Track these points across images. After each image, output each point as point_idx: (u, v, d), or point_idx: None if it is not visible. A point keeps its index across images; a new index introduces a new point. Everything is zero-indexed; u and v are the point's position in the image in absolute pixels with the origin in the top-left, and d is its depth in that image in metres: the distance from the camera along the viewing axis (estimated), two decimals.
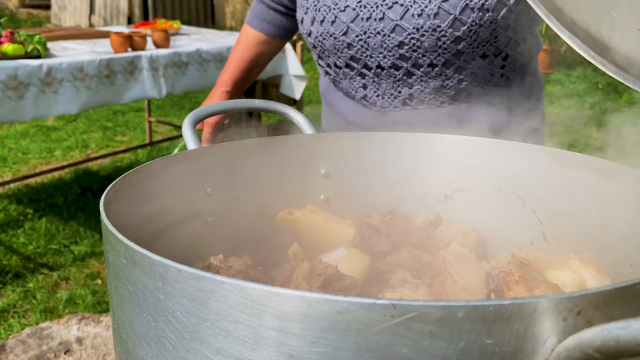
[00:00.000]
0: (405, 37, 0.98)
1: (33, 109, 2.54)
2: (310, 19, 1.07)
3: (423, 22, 0.96)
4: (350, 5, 1.01)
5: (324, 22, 1.05)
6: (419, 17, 0.96)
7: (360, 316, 0.34)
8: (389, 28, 0.99)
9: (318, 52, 1.11)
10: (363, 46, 1.02)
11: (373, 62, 1.03)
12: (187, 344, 0.39)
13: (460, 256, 0.63)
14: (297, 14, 1.13)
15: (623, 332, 0.30)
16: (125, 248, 0.42)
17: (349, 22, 1.02)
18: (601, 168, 0.65)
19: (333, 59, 1.08)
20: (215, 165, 0.70)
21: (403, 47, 0.99)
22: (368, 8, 1.00)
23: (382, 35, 1.00)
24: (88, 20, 9.20)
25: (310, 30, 1.08)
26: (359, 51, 1.03)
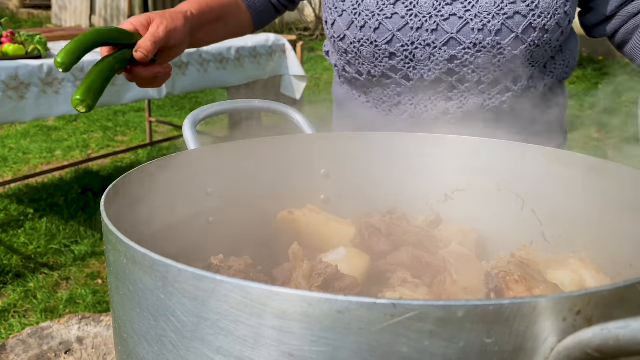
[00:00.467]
0: (458, 51, 0.92)
1: (34, 109, 2.54)
2: (346, 23, 0.99)
3: (483, 38, 0.90)
4: (398, 12, 0.94)
5: (365, 27, 0.97)
6: (479, 32, 0.90)
7: (361, 316, 0.34)
8: (441, 41, 0.92)
9: (350, 58, 1.02)
10: (408, 57, 0.96)
11: (415, 75, 0.97)
12: (188, 344, 0.39)
13: (460, 256, 0.63)
14: (324, 15, 1.05)
15: (623, 332, 0.31)
16: (126, 248, 0.42)
17: (395, 31, 0.94)
18: (601, 168, 0.65)
19: (367, 67, 1.00)
20: (215, 165, 0.70)
21: (454, 61, 0.93)
22: (420, 18, 0.93)
23: (432, 48, 0.93)
24: (88, 21, 9.20)
25: (344, 35, 1.00)
26: (402, 62, 0.96)
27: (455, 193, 0.76)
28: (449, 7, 0.91)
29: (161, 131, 4.84)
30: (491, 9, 0.89)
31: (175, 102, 5.70)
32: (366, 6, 0.96)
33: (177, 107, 5.56)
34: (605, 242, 0.64)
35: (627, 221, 0.61)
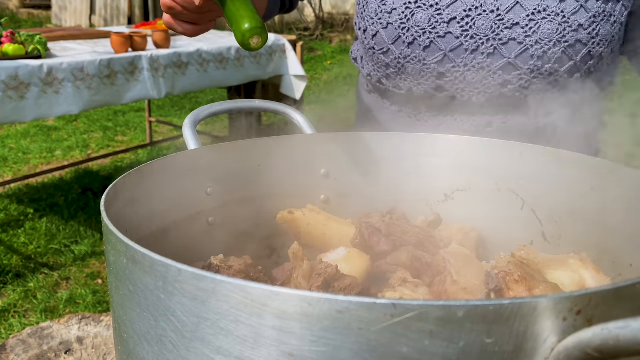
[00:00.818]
0: (514, 76, 0.88)
1: (34, 109, 2.54)
2: (391, 37, 0.92)
3: (541, 65, 0.86)
4: (452, 32, 0.88)
5: (413, 44, 0.90)
6: (538, 59, 0.86)
7: (361, 316, 0.34)
8: (497, 65, 0.87)
9: (390, 72, 0.96)
10: (458, 78, 0.90)
11: (463, 96, 0.91)
12: (188, 344, 0.39)
13: (460, 256, 0.63)
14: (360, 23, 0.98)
15: (623, 332, 0.31)
16: (126, 248, 0.42)
17: (448, 51, 0.89)
18: (601, 168, 0.65)
19: (410, 84, 0.94)
20: (215, 165, 0.70)
21: (507, 86, 0.89)
22: (476, 40, 0.87)
23: (486, 71, 0.88)
24: (88, 21, 9.21)
25: (387, 48, 0.93)
26: (450, 82, 0.91)
27: (455, 193, 0.76)
28: (508, 31, 0.86)
29: (161, 131, 4.85)
30: (553, 36, 0.85)
31: (175, 102, 5.70)
32: (416, 22, 0.90)
33: (177, 107, 5.56)
34: (605, 242, 0.64)
35: (627, 221, 0.61)
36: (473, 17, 0.87)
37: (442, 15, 0.88)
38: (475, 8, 0.87)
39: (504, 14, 0.86)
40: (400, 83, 0.96)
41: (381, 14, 0.93)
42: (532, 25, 0.86)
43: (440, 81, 0.91)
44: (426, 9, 0.89)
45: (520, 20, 0.86)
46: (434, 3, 0.89)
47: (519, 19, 0.86)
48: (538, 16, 0.86)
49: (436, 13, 0.89)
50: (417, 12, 0.90)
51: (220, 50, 3.22)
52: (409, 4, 0.90)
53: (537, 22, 0.86)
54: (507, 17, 0.86)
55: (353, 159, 0.77)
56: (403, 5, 0.91)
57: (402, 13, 0.91)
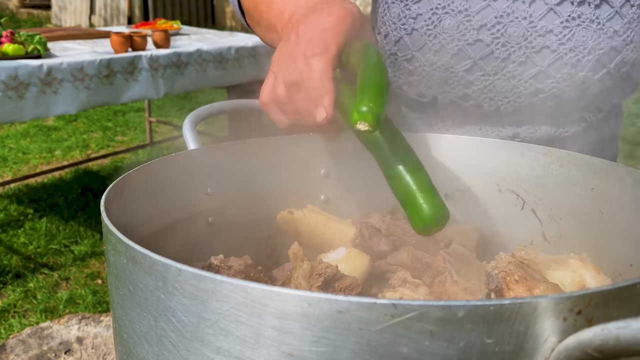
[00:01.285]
0: (546, 85, 0.84)
1: (33, 109, 2.54)
2: (417, 44, 0.87)
3: (575, 73, 0.83)
4: (482, 39, 0.83)
5: (440, 52, 0.86)
6: (572, 67, 0.82)
7: (361, 316, 0.34)
8: (529, 74, 0.83)
9: (413, 79, 0.90)
10: (487, 87, 0.86)
11: (491, 105, 0.87)
12: (188, 344, 0.39)
13: (461, 256, 0.63)
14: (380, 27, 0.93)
15: (623, 332, 0.31)
16: (126, 248, 0.42)
17: (477, 59, 0.84)
18: (601, 168, 0.65)
19: (435, 92, 0.89)
20: (215, 165, 0.70)
21: (538, 94, 0.84)
22: (507, 47, 0.83)
23: (516, 80, 0.84)
24: (88, 21, 9.21)
25: (412, 55, 0.88)
26: (479, 91, 0.86)
27: (456, 193, 0.76)
28: (541, 39, 0.82)
29: (161, 131, 4.85)
30: (587, 44, 0.82)
31: (175, 102, 5.70)
32: (444, 28, 0.85)
33: (177, 107, 5.56)
34: (605, 242, 0.64)
35: (627, 221, 0.61)
36: (504, 23, 0.83)
37: (472, 21, 0.84)
38: (507, 15, 0.83)
39: (537, 21, 0.82)
40: (424, 90, 0.91)
41: (405, 19, 0.88)
42: (567, 33, 0.82)
43: (467, 90, 0.87)
44: (454, 15, 0.84)
45: (553, 27, 0.82)
46: (462, 9, 0.84)
47: (552, 26, 0.82)
48: (572, 23, 0.82)
49: (465, 19, 0.84)
50: (444, 18, 0.85)
51: (220, 50, 3.22)
52: (435, 9, 0.85)
53: (572, 29, 0.82)
54: (540, 24, 0.82)
55: (353, 159, 0.77)
56: (429, 11, 0.86)
57: (428, 19, 0.86)
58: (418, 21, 0.86)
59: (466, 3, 0.84)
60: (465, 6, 0.84)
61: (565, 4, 0.82)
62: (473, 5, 0.84)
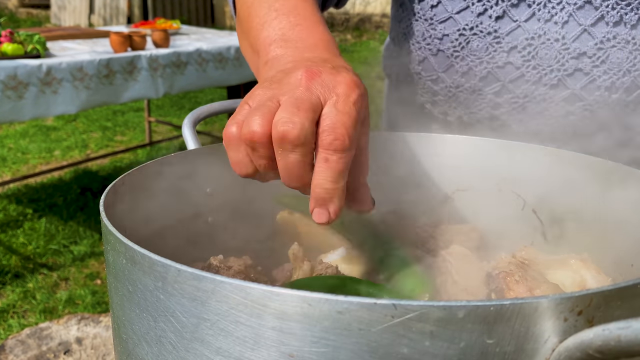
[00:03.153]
0: (577, 107, 0.81)
1: (32, 108, 2.54)
2: (442, 65, 0.84)
3: (608, 95, 0.79)
4: (512, 62, 0.80)
5: (468, 74, 0.83)
6: (606, 90, 0.79)
7: (361, 316, 0.34)
8: (560, 96, 0.80)
9: (438, 99, 0.87)
10: (516, 109, 0.82)
11: (519, 127, 0.83)
12: (187, 344, 0.39)
13: (461, 256, 0.63)
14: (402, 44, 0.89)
15: (624, 332, 0.30)
16: (125, 248, 0.42)
17: (507, 82, 0.81)
18: (601, 168, 0.65)
19: (459, 112, 0.86)
20: (215, 165, 0.70)
21: (569, 117, 0.81)
22: (539, 70, 0.80)
23: (547, 102, 0.81)
24: (87, 20, 9.21)
25: (437, 76, 0.85)
26: (507, 113, 0.83)
27: (456, 193, 0.76)
28: (574, 62, 0.79)
29: (160, 131, 4.84)
30: (623, 65, 0.78)
31: (175, 102, 5.70)
32: (472, 50, 0.81)
33: (176, 107, 5.56)
34: (606, 242, 0.64)
35: (627, 221, 0.61)
36: (536, 46, 0.79)
37: (502, 43, 0.81)
38: (539, 36, 0.79)
39: (570, 43, 0.79)
40: (448, 110, 0.88)
41: (430, 39, 0.84)
42: (601, 55, 0.78)
43: (495, 111, 0.84)
44: (483, 37, 0.81)
45: (587, 49, 0.78)
46: (492, 30, 0.81)
47: (586, 47, 0.78)
48: (607, 44, 0.78)
49: (494, 41, 0.81)
50: (472, 39, 0.82)
51: (219, 50, 3.22)
52: (463, 30, 0.82)
53: (606, 51, 0.78)
54: (573, 46, 0.79)
55: None
56: (456, 32, 0.82)
57: (455, 40, 0.82)
58: (444, 42, 0.83)
59: (495, 24, 0.81)
60: (494, 27, 0.81)
61: (600, 24, 0.78)
62: (503, 27, 0.80)
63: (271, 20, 0.62)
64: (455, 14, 0.83)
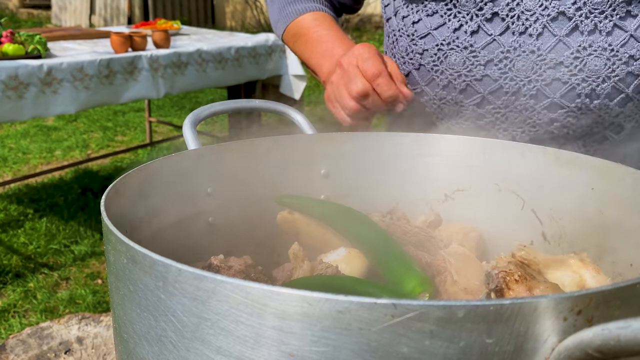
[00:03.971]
0: (560, 114, 0.81)
1: (32, 108, 2.54)
2: (425, 79, 0.87)
3: (589, 102, 0.80)
4: (490, 75, 0.82)
5: (448, 87, 0.85)
6: (586, 97, 0.80)
7: (361, 316, 0.34)
8: (542, 105, 0.81)
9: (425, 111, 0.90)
10: (499, 119, 0.84)
11: (505, 136, 0.85)
12: (188, 344, 0.39)
13: (460, 256, 0.63)
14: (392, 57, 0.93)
15: (623, 332, 0.31)
16: (126, 248, 0.42)
17: (486, 94, 0.83)
18: (601, 168, 0.65)
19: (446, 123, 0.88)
20: (215, 165, 0.70)
21: (553, 124, 0.82)
22: (517, 81, 0.81)
23: (529, 112, 0.82)
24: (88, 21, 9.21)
25: (421, 89, 0.88)
26: (491, 123, 0.85)
27: (455, 193, 0.76)
28: (551, 72, 0.80)
29: (161, 131, 4.85)
30: (601, 72, 0.79)
31: (175, 102, 5.70)
32: (450, 64, 0.83)
33: (176, 107, 5.56)
34: (605, 242, 0.64)
35: (627, 221, 0.61)
36: (512, 58, 0.81)
37: (478, 57, 0.82)
38: (514, 49, 0.81)
39: (546, 54, 0.80)
40: (436, 121, 0.90)
41: (412, 54, 0.87)
42: (578, 63, 0.79)
43: (480, 121, 0.85)
44: (460, 51, 0.83)
45: (564, 59, 0.79)
46: (468, 45, 0.83)
47: (562, 57, 0.79)
48: (583, 53, 0.79)
49: (471, 55, 0.83)
50: (450, 54, 0.84)
51: (219, 50, 3.22)
52: (441, 45, 0.84)
53: (583, 60, 0.79)
54: (549, 57, 0.80)
55: (353, 159, 0.77)
56: (435, 47, 0.85)
57: (434, 55, 0.85)
58: (424, 56, 0.85)
59: (471, 39, 0.82)
60: (470, 42, 0.82)
61: (574, 34, 0.79)
62: (478, 41, 0.82)
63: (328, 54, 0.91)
64: (434, 29, 0.85)
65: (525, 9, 0.80)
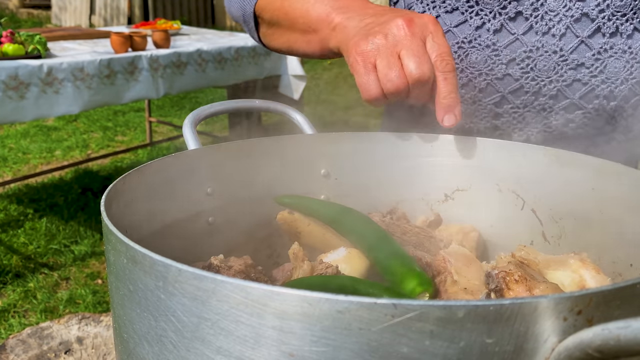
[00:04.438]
0: (577, 115, 0.83)
1: (34, 109, 2.54)
2: None
3: (607, 103, 0.82)
4: (511, 74, 0.82)
5: (468, 85, 0.85)
6: (604, 99, 0.82)
7: (361, 316, 0.34)
8: (560, 106, 0.82)
9: None
10: (517, 119, 0.85)
11: (520, 136, 0.86)
12: (188, 344, 0.39)
13: (460, 256, 0.63)
14: None
15: (623, 332, 0.31)
16: (126, 248, 0.42)
17: (506, 93, 0.83)
18: (601, 168, 0.65)
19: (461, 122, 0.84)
20: (215, 165, 0.70)
21: (568, 125, 0.83)
22: (537, 81, 0.82)
23: (547, 112, 0.83)
24: (88, 21, 9.21)
25: None
26: (507, 122, 0.85)
27: (455, 193, 0.76)
28: (572, 72, 0.81)
29: (161, 131, 4.85)
30: (620, 74, 0.80)
31: (175, 102, 5.70)
32: (471, 63, 0.83)
33: (176, 107, 5.56)
34: (605, 242, 0.64)
35: (627, 221, 0.61)
36: (534, 58, 0.81)
37: (500, 56, 0.82)
38: (537, 49, 0.81)
39: (568, 54, 0.81)
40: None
41: None
42: (598, 65, 0.80)
43: (496, 121, 0.85)
44: (482, 49, 0.83)
45: (585, 60, 0.81)
46: (490, 43, 0.83)
47: (583, 58, 0.81)
48: (604, 55, 0.80)
49: (493, 54, 0.83)
50: (471, 52, 0.84)
51: (219, 50, 3.22)
52: (462, 43, 0.84)
53: (604, 61, 0.80)
54: (570, 58, 0.81)
55: (353, 159, 0.77)
56: (455, 45, 0.84)
57: (454, 53, 0.84)
58: None
59: (494, 37, 0.82)
60: (492, 40, 0.82)
61: (596, 36, 0.80)
62: (501, 40, 0.82)
63: (313, 3, 0.74)
64: (454, 27, 0.84)
65: (549, 9, 0.81)
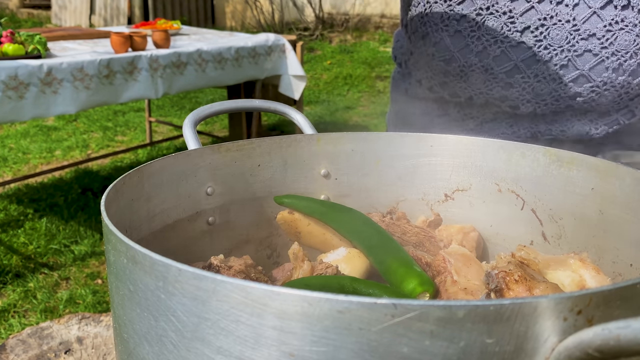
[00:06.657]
0: (585, 88, 0.84)
1: (33, 108, 2.54)
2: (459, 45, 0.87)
3: (615, 77, 0.83)
4: (525, 42, 0.84)
5: (482, 53, 0.86)
6: (613, 72, 0.82)
7: (361, 316, 0.34)
8: (569, 77, 0.83)
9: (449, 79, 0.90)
10: (526, 89, 0.86)
11: (528, 107, 0.87)
12: (188, 344, 0.39)
13: (460, 256, 0.63)
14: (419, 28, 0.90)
15: (623, 332, 0.31)
16: (126, 248, 0.42)
17: (519, 61, 0.85)
18: (601, 168, 0.65)
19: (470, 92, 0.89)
20: (215, 165, 0.70)
21: (576, 98, 0.84)
22: (550, 50, 0.83)
23: (556, 83, 0.84)
24: (88, 21, 9.21)
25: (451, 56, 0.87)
26: (517, 93, 0.86)
27: (455, 193, 0.76)
28: (584, 42, 0.82)
29: (161, 131, 4.85)
30: (630, 48, 0.81)
31: (175, 102, 5.70)
32: (487, 30, 0.84)
33: (176, 107, 5.56)
34: (605, 242, 0.64)
35: (627, 221, 0.61)
36: (548, 26, 0.83)
37: (516, 23, 0.84)
38: (550, 17, 0.83)
39: (580, 24, 0.82)
40: (459, 91, 0.90)
41: (448, 20, 0.87)
42: (609, 37, 0.82)
43: (506, 91, 0.86)
44: (498, 17, 0.84)
45: (596, 31, 0.82)
46: (507, 10, 0.84)
47: (595, 29, 0.82)
48: (615, 27, 0.81)
49: (509, 21, 0.84)
50: (488, 19, 0.85)
51: (219, 50, 3.22)
52: (480, 10, 0.85)
53: (614, 33, 0.81)
54: (583, 28, 0.82)
55: (353, 159, 0.77)
56: (474, 12, 0.85)
57: (472, 20, 0.85)
58: (461, 22, 0.85)
59: (511, 4, 0.83)
60: (509, 7, 0.84)
61: (609, 7, 0.81)
62: (517, 7, 0.83)
63: None
64: None
65: None
